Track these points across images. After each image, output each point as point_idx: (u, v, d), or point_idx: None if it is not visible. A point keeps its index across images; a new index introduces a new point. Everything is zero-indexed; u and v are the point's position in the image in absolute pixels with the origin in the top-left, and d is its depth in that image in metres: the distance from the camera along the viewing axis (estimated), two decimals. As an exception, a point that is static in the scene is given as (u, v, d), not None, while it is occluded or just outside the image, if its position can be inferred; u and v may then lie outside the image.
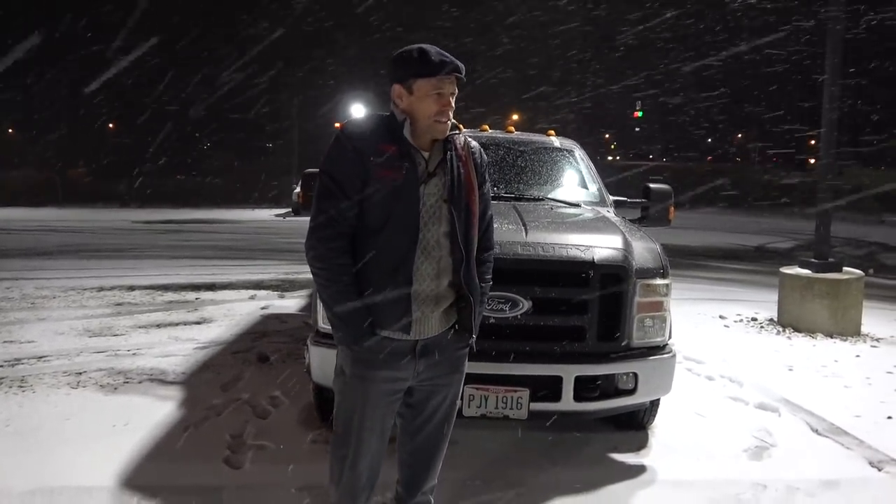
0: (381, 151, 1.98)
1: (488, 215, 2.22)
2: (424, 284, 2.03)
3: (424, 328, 2.06)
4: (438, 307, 2.07)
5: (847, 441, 3.77)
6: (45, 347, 5.24)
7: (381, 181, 1.97)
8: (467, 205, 2.08)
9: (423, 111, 2.01)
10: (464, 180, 2.09)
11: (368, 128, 2.05)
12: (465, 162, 2.12)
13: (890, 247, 16.73)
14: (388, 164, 1.98)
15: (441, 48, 2.05)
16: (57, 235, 15.52)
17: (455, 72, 2.00)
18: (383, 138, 2.01)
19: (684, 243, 14.40)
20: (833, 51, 6.47)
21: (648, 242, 3.61)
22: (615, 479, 3.23)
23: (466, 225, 2.07)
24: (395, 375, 2.07)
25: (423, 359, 2.08)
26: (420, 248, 2.01)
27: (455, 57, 2.05)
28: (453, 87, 2.04)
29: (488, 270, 2.23)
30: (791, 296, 6.55)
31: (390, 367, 2.05)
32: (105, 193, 29.39)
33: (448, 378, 2.17)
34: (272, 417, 3.89)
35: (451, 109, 2.04)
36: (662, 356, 3.38)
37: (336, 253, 1.99)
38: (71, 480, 3.03)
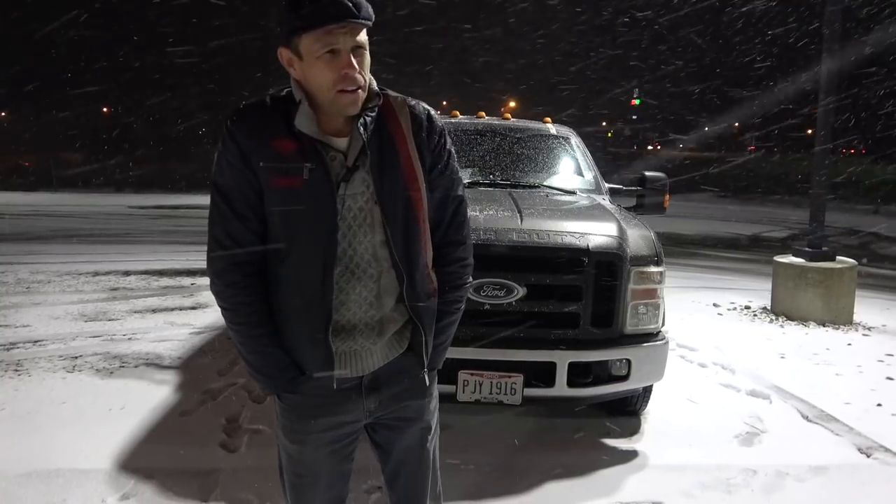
0: (272, 152, 1.47)
1: (452, 201, 1.65)
2: (360, 312, 1.56)
3: (366, 362, 1.60)
4: (383, 335, 1.59)
5: (837, 428, 3.82)
6: (40, 332, 5.25)
7: (275, 192, 1.48)
8: (407, 200, 1.54)
9: (319, 80, 1.45)
10: (399, 166, 1.54)
11: (259, 118, 1.50)
12: (401, 139, 1.55)
13: (883, 236, 16.81)
14: (284, 167, 1.46)
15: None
16: (51, 220, 15.45)
17: (347, 17, 1.38)
18: (277, 131, 1.47)
19: (679, 231, 14.44)
20: (830, 38, 6.47)
21: (643, 230, 3.62)
22: (608, 464, 3.27)
23: (406, 228, 1.54)
24: (338, 420, 1.63)
25: (374, 394, 1.62)
26: (345, 269, 1.53)
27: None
28: (353, 40, 1.44)
29: (459, 274, 1.70)
30: (784, 284, 6.59)
31: (328, 413, 1.61)
32: (99, 178, 29.25)
33: (408, 409, 1.69)
34: (268, 402, 3.90)
35: (356, 71, 1.45)
36: (656, 343, 3.40)
37: (236, 289, 1.52)
38: (67, 463, 3.05)
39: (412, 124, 1.58)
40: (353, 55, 1.45)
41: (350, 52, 1.44)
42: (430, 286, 1.64)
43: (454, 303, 1.71)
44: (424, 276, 1.61)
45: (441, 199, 1.64)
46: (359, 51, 1.46)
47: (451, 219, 1.67)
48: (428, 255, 1.62)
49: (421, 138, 1.58)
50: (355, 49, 1.45)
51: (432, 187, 1.61)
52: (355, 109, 1.49)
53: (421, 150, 1.58)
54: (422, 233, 1.58)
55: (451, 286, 1.69)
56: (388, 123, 1.55)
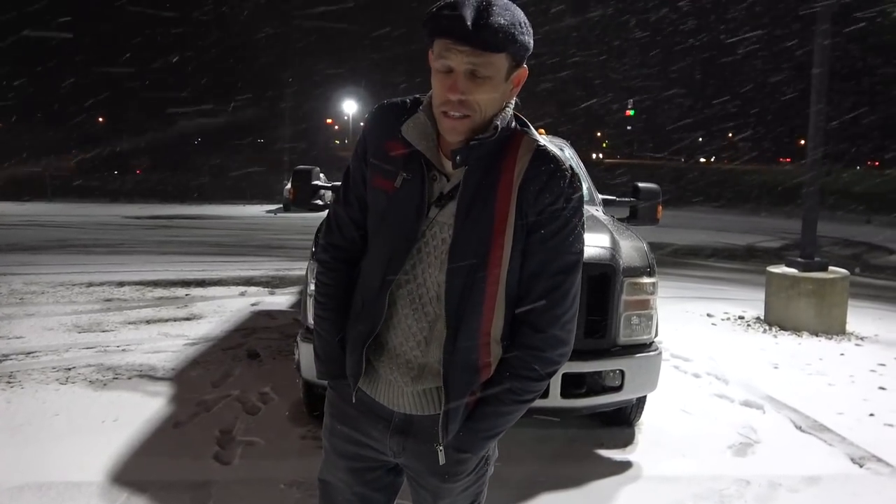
0: (382, 151, 1.40)
1: (546, 279, 1.36)
2: (406, 347, 1.42)
3: (396, 400, 1.45)
4: (419, 383, 1.42)
5: (829, 438, 3.83)
6: (33, 343, 5.23)
7: (373, 190, 1.42)
8: (479, 257, 1.33)
9: (434, 94, 1.33)
10: (489, 212, 1.33)
11: (389, 116, 1.41)
12: (505, 184, 1.33)
13: (876, 246, 16.91)
14: (384, 169, 1.39)
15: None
16: (45, 230, 15.42)
17: (453, 35, 1.24)
18: (394, 133, 1.38)
19: (673, 242, 14.49)
20: (821, 48, 6.54)
21: (636, 241, 3.65)
22: (602, 475, 3.27)
23: (468, 281, 1.34)
24: (360, 439, 1.52)
25: (399, 437, 1.47)
26: (408, 295, 1.41)
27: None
28: (474, 63, 1.25)
29: (527, 365, 1.39)
30: (777, 294, 6.62)
31: (353, 427, 1.52)
32: (94, 188, 29.21)
33: (426, 480, 1.50)
34: (262, 413, 3.90)
35: (463, 96, 1.27)
36: (649, 354, 3.42)
37: (323, 268, 1.53)
38: (60, 476, 3.03)
39: (526, 171, 1.34)
40: (468, 78, 1.27)
41: (466, 74, 1.27)
42: (482, 359, 1.39)
43: (511, 392, 1.40)
44: (478, 345, 1.38)
45: (534, 272, 1.37)
46: (475, 78, 1.27)
47: (539, 296, 1.37)
48: (494, 324, 1.38)
49: (529, 191, 1.33)
50: (471, 74, 1.27)
51: (527, 253, 1.36)
52: (456, 137, 1.33)
53: (522, 204, 1.33)
54: (487, 294, 1.36)
55: (513, 374, 1.40)
56: (503, 162, 1.34)
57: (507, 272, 1.36)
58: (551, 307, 1.37)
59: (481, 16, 1.23)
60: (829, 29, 6.51)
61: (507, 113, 1.37)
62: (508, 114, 1.38)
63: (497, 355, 1.41)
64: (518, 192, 1.33)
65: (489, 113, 1.32)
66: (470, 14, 1.23)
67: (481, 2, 1.25)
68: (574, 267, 1.38)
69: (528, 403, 1.45)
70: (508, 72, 1.31)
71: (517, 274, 1.37)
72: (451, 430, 1.41)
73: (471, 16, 1.23)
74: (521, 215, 1.33)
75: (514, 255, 1.35)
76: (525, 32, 1.29)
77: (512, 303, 1.39)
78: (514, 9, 1.29)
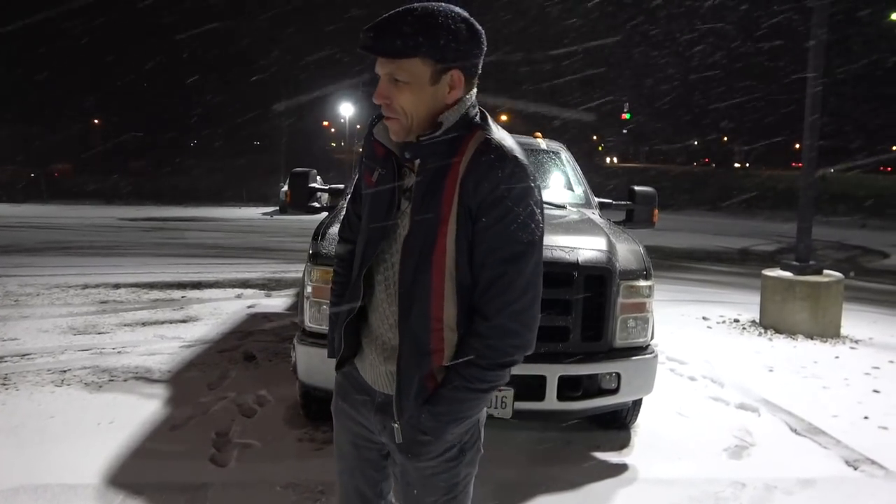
0: (370, 149, 1.53)
1: (490, 266, 1.41)
2: (381, 329, 1.52)
3: (374, 377, 1.55)
4: (390, 363, 1.49)
5: (825, 441, 3.85)
6: (28, 345, 5.21)
7: (364, 187, 1.59)
8: (426, 245, 1.41)
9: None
10: (436, 204, 1.40)
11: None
12: (452, 177, 1.40)
13: (870, 250, 16.98)
14: (368, 165, 1.55)
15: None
16: (41, 232, 15.37)
17: (365, 47, 1.37)
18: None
19: (669, 245, 14.53)
20: (816, 53, 6.57)
21: (632, 244, 3.66)
22: (598, 478, 3.28)
23: (416, 269, 1.42)
24: (356, 415, 1.62)
25: (379, 415, 1.54)
26: (384, 279, 1.50)
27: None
28: (388, 69, 1.39)
29: (477, 349, 1.41)
30: (773, 298, 6.64)
31: (350, 403, 1.63)
32: (90, 190, 29.14)
33: (397, 458, 1.54)
34: (258, 416, 3.90)
35: (388, 100, 1.40)
36: (645, 356, 3.43)
37: (339, 258, 1.71)
38: (55, 478, 3.02)
39: (468, 163, 1.39)
40: (391, 83, 1.39)
41: (387, 80, 1.39)
42: (434, 344, 1.44)
43: (460, 379, 1.42)
44: (428, 329, 1.43)
45: (480, 261, 1.41)
46: (395, 83, 1.39)
47: (487, 284, 1.41)
48: (445, 311, 1.43)
49: (469, 182, 1.38)
50: (391, 79, 1.39)
51: (474, 243, 1.41)
52: (394, 136, 1.45)
53: (463, 195, 1.39)
54: (434, 281, 1.42)
55: (462, 359, 1.42)
56: (454, 158, 1.40)
57: (456, 261, 1.41)
58: (498, 295, 1.41)
59: (384, 26, 1.35)
60: (825, 32, 6.55)
61: (459, 112, 1.43)
62: (460, 112, 1.43)
63: (452, 342, 1.45)
64: (460, 184, 1.39)
65: (419, 114, 1.41)
66: (378, 25, 1.35)
67: (394, 13, 1.35)
68: (520, 256, 1.41)
69: (484, 393, 1.45)
70: (435, 75, 1.39)
71: (468, 264, 1.42)
72: (405, 407, 1.45)
73: (377, 27, 1.35)
74: (462, 206, 1.39)
75: (459, 245, 1.40)
76: (441, 37, 1.34)
77: (466, 292, 1.43)
78: (434, 15, 1.35)
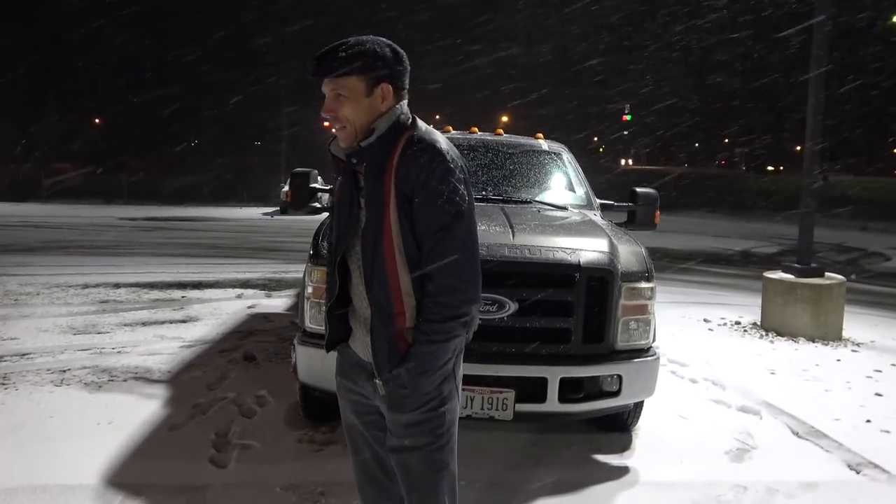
0: (335, 165, 1.88)
1: (428, 237, 1.74)
2: (360, 305, 1.87)
3: (363, 350, 1.87)
4: (366, 331, 1.84)
5: (826, 444, 3.83)
6: (28, 345, 5.20)
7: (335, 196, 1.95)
8: (377, 227, 1.75)
9: None
10: (378, 195, 1.75)
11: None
12: (389, 170, 1.74)
13: (872, 252, 16.96)
14: (334, 177, 1.92)
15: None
16: (41, 231, 15.37)
17: (314, 73, 1.75)
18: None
19: (670, 247, 14.52)
20: (818, 57, 6.56)
21: (634, 246, 3.65)
22: (599, 480, 3.27)
23: (374, 247, 1.76)
24: (353, 387, 1.94)
25: (370, 381, 1.86)
26: (356, 267, 1.84)
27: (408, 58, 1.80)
28: (331, 87, 1.75)
29: (430, 308, 1.74)
30: (774, 300, 6.63)
31: (348, 377, 1.96)
32: (90, 189, 29.13)
33: (388, 413, 1.86)
34: (258, 417, 3.89)
35: (333, 113, 1.75)
36: (646, 359, 3.42)
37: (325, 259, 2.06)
38: (54, 479, 3.01)
39: (399, 157, 1.74)
40: (335, 99, 1.75)
41: (331, 96, 1.75)
42: (394, 307, 1.77)
43: (422, 332, 1.75)
44: (390, 297, 1.76)
45: (420, 234, 1.75)
46: (338, 98, 1.74)
47: (428, 252, 1.74)
48: (401, 280, 1.76)
49: (401, 172, 1.73)
50: (336, 96, 1.74)
51: (413, 221, 1.74)
52: (345, 143, 1.78)
53: (399, 183, 1.73)
54: (386, 257, 1.75)
55: (422, 317, 1.76)
56: (388, 155, 1.75)
57: (402, 238, 1.74)
58: (437, 259, 1.72)
59: (327, 54, 1.71)
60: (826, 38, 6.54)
61: (391, 118, 1.77)
62: (392, 119, 1.77)
63: (411, 305, 1.78)
64: (395, 175, 1.73)
65: (361, 122, 1.76)
66: (322, 55, 1.72)
67: (333, 45, 1.72)
68: (449, 225, 1.73)
69: (444, 343, 1.76)
70: (368, 89, 1.74)
71: (413, 239, 1.74)
72: (382, 364, 1.78)
73: (321, 56, 1.72)
74: (399, 192, 1.73)
75: (402, 224, 1.73)
76: (370, 57, 1.72)
77: (414, 262, 1.75)
78: (366, 44, 1.73)
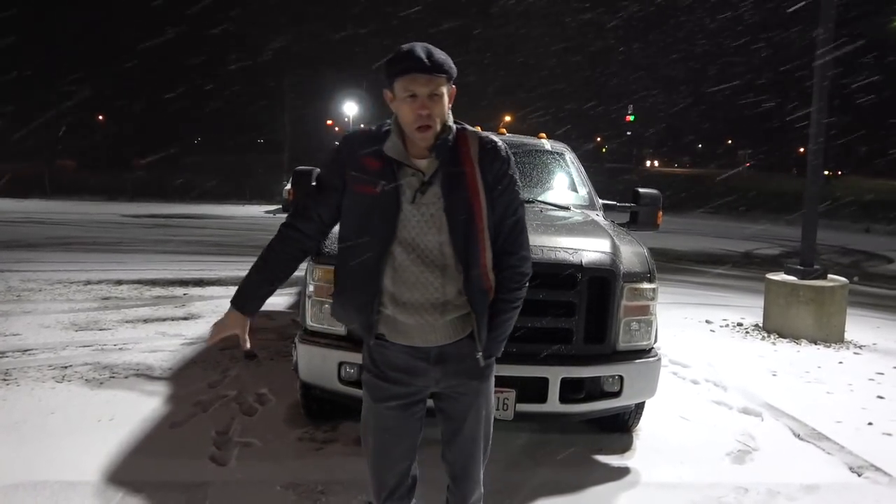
0: (362, 166, 1.93)
1: (512, 219, 2.00)
2: (427, 294, 1.94)
3: (426, 337, 1.97)
4: (445, 315, 1.96)
5: (828, 446, 3.82)
6: (30, 341, 5.21)
7: (356, 195, 1.95)
8: (468, 214, 1.92)
9: (403, 117, 1.89)
10: (464, 186, 1.93)
11: (361, 139, 1.99)
12: (469, 164, 1.94)
13: (874, 255, 16.92)
14: (367, 179, 1.92)
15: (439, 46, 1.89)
16: (43, 228, 15.40)
17: (416, 70, 1.82)
18: (369, 152, 1.94)
19: (672, 248, 14.50)
20: (822, 57, 6.54)
21: (636, 246, 3.64)
22: (599, 481, 3.26)
23: (465, 235, 1.92)
24: (402, 378, 2.02)
25: (440, 366, 2.00)
26: (416, 258, 1.93)
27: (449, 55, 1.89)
28: (430, 88, 1.85)
29: (513, 279, 2.02)
30: (776, 302, 6.61)
31: (404, 372, 2.01)
32: (93, 186, 29.17)
33: (467, 387, 2.06)
34: (259, 414, 3.89)
35: (429, 112, 1.85)
36: (648, 360, 3.41)
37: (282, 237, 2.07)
38: (54, 475, 3.01)
39: (479, 151, 1.96)
40: (429, 99, 1.85)
41: (426, 97, 1.85)
42: (487, 284, 1.98)
43: (508, 302, 2.02)
44: (481, 274, 1.95)
45: (501, 214, 1.97)
46: (433, 97, 1.86)
47: (509, 232, 1.99)
48: (486, 258, 1.96)
49: (486, 163, 1.96)
50: (431, 96, 1.86)
51: (494, 204, 1.96)
52: (427, 142, 1.90)
53: (485, 173, 1.95)
54: (480, 239, 1.94)
55: (506, 288, 2.00)
56: (460, 150, 1.95)
57: (487, 222, 1.95)
58: (518, 235, 2.02)
59: (431, 54, 1.86)
60: (831, 36, 6.52)
61: (450, 119, 1.96)
62: (451, 119, 1.96)
63: (493, 279, 1.99)
64: (479, 167, 1.95)
65: (443, 121, 1.91)
66: (424, 55, 1.84)
67: (427, 46, 1.88)
68: (521, 206, 2.04)
69: (518, 309, 2.05)
70: (449, 91, 1.92)
71: (492, 220, 1.96)
72: (482, 337, 1.99)
73: (425, 56, 1.84)
74: (485, 180, 1.95)
75: (487, 209, 1.95)
76: (452, 64, 1.91)
77: (493, 241, 1.98)
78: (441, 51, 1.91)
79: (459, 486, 2.18)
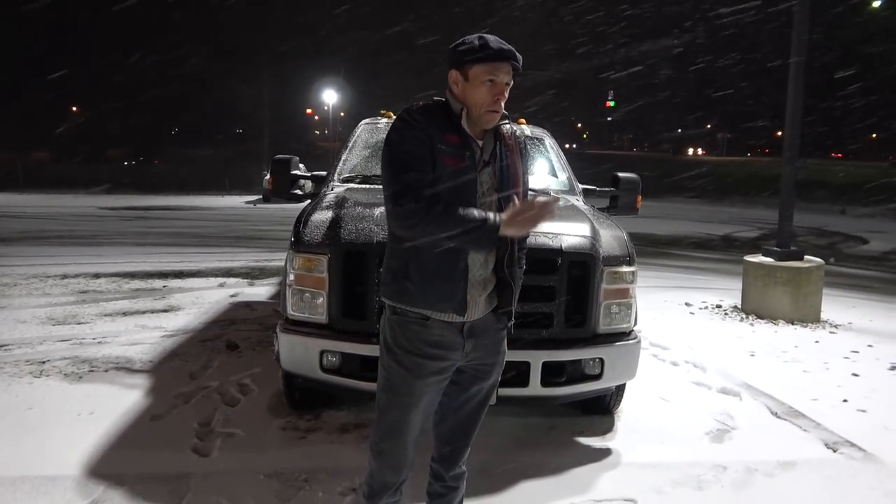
0: (445, 140, 2.00)
1: (525, 186, 2.22)
2: (476, 270, 2.07)
3: (473, 311, 2.09)
4: (485, 291, 2.11)
5: (804, 423, 3.90)
6: (5, 336, 5.13)
7: (446, 167, 1.99)
8: (514, 195, 2.07)
9: (477, 99, 2.01)
10: (511, 171, 2.11)
11: (436, 115, 2.04)
12: (513, 152, 2.14)
13: (850, 236, 17.20)
14: (453, 152, 2.00)
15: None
16: (18, 221, 15.13)
17: (511, 59, 2.00)
18: (448, 128, 2.03)
19: (652, 231, 14.61)
20: (799, 37, 6.59)
21: (615, 230, 3.66)
22: (581, 463, 3.30)
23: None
24: (443, 354, 2.08)
25: (471, 339, 2.11)
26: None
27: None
28: (508, 77, 2.03)
29: (524, 257, 2.26)
30: (754, 283, 6.70)
31: (444, 348, 2.08)
32: (69, 179, 28.69)
33: (493, 359, 2.20)
34: (241, 405, 3.87)
35: (504, 99, 2.03)
36: (628, 342, 3.45)
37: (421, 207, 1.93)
38: (34, 470, 2.98)
39: (517, 143, 2.19)
40: (505, 87, 2.03)
41: (503, 84, 2.02)
42: (524, 260, 2.24)
43: (521, 267, 2.23)
44: (517, 250, 2.16)
45: (523, 194, 2.17)
46: (508, 86, 2.04)
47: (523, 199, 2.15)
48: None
49: (523, 153, 2.21)
50: (507, 84, 2.03)
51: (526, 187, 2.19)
52: (493, 124, 2.07)
53: (523, 160, 2.20)
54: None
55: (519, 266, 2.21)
56: (505, 138, 2.14)
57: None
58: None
59: (512, 49, 2.01)
60: (806, 17, 6.57)
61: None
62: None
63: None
64: (519, 148, 2.18)
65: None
66: (510, 48, 2.01)
67: (498, 38, 2.02)
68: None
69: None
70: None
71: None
72: (514, 311, 2.19)
73: (507, 46, 2.01)
74: (522, 160, 2.19)
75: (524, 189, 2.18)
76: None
77: None
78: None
79: (458, 450, 2.29)
